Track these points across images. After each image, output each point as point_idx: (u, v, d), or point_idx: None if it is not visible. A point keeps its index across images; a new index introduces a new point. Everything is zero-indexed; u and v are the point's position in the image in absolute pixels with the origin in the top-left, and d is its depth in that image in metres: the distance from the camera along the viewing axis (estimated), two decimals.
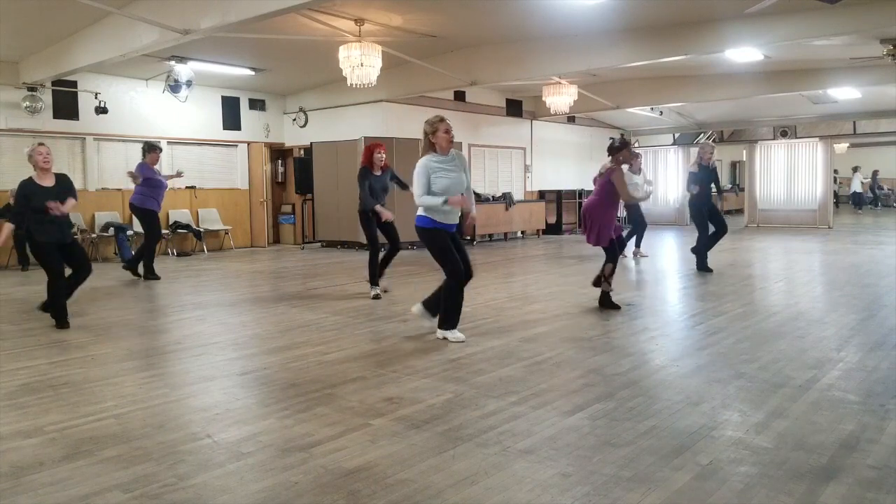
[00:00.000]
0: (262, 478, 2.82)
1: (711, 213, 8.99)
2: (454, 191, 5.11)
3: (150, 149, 9.19)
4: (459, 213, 5.30)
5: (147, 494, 2.66)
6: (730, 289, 7.65)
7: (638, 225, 10.70)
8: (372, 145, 7.39)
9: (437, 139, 5.17)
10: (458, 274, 5.19)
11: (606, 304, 6.46)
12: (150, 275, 8.99)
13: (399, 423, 3.44)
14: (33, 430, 3.39)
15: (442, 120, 5.21)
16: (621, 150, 6.42)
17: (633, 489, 2.65)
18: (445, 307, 5.29)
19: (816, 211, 17.00)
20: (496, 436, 3.23)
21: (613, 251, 6.46)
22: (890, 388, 3.88)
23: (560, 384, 4.07)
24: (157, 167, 9.23)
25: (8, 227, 5.90)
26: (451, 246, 5.21)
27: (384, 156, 7.37)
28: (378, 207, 7.18)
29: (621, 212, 10.76)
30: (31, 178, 6.01)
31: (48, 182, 6.00)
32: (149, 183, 8.94)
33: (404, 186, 7.19)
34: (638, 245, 10.83)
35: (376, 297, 7.25)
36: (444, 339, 5.25)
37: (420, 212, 5.23)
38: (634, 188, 9.53)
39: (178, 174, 10.08)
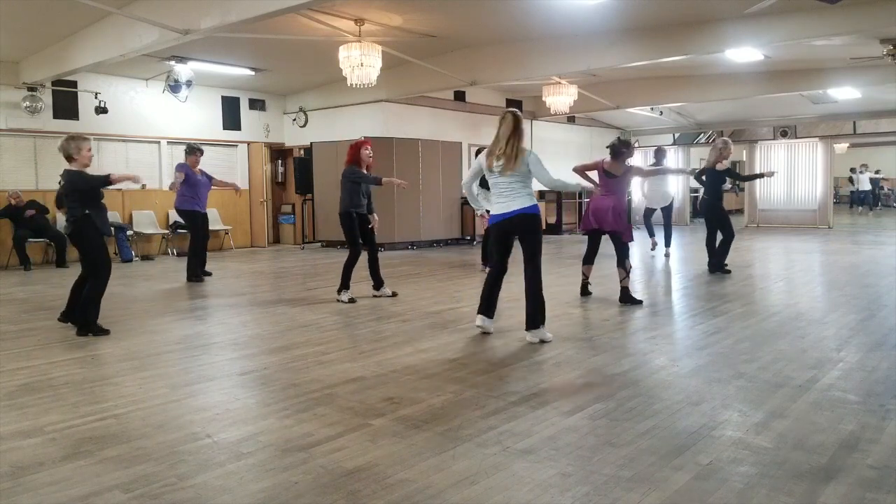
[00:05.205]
0: (262, 478, 2.82)
1: (723, 218, 8.68)
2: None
3: (191, 151, 9.05)
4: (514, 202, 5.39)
5: (147, 494, 2.66)
6: (730, 289, 7.65)
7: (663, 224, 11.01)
8: (359, 142, 7.12)
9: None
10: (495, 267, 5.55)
11: (627, 299, 6.71)
12: (194, 277, 8.80)
13: (399, 423, 3.43)
14: (33, 430, 3.39)
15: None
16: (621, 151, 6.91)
17: (633, 489, 2.65)
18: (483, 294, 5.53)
19: (816, 211, 17.04)
20: (496, 436, 3.22)
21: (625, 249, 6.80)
22: (890, 388, 3.88)
23: (560, 384, 4.07)
24: (199, 168, 9.03)
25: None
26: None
27: (371, 152, 7.13)
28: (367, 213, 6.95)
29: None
30: (80, 171, 5.56)
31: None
32: (188, 181, 8.78)
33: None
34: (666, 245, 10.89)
35: (351, 300, 7.00)
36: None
37: (534, 200, 5.37)
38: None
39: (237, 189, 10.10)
